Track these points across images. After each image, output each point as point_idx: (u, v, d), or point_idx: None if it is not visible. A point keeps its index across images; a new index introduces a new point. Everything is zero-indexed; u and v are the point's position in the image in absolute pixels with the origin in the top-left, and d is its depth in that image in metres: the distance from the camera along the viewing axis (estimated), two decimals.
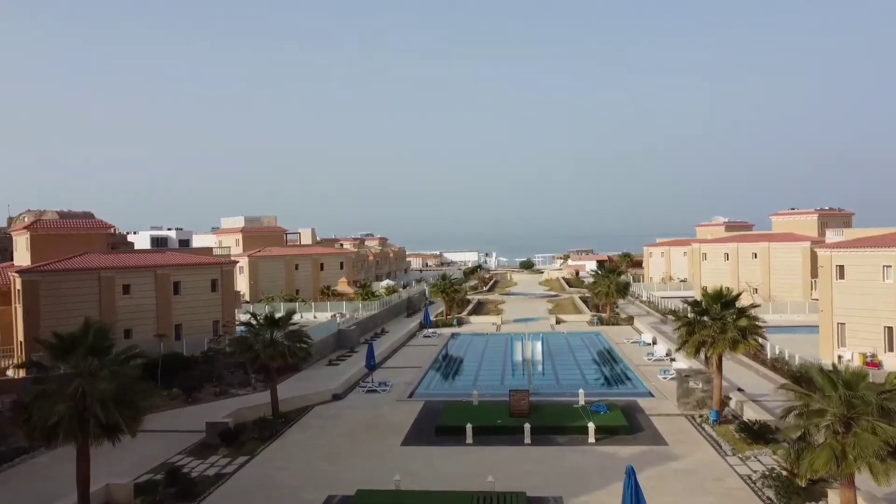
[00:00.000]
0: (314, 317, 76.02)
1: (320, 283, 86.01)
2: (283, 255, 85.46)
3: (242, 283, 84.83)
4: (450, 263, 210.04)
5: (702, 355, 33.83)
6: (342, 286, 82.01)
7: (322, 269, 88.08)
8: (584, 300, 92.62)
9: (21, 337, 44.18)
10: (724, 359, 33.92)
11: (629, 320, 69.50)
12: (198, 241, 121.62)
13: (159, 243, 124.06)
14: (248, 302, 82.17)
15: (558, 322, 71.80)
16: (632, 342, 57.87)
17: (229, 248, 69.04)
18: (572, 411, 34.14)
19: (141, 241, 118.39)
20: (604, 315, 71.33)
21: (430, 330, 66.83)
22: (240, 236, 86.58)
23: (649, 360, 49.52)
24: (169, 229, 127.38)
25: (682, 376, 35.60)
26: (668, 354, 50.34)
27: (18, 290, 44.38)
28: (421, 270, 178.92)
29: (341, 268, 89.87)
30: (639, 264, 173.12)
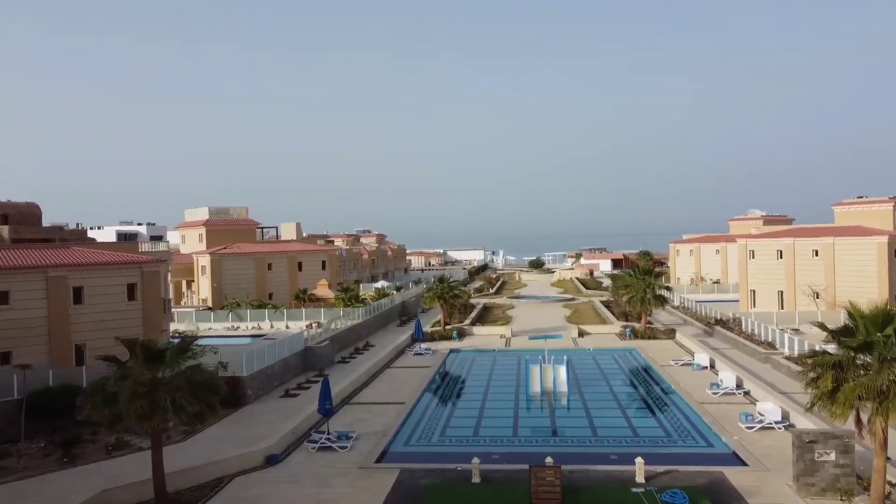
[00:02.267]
0: (286, 326, 63.47)
1: (298, 285, 73.17)
2: (253, 252, 72.59)
3: (204, 286, 72.17)
4: (454, 262, 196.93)
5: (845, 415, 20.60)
6: (322, 289, 69.17)
7: (300, 269, 75.16)
8: (607, 305, 79.65)
9: None
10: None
11: (670, 333, 56.34)
12: (174, 238, 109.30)
13: (127, 239, 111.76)
14: (210, 308, 69.51)
15: (581, 335, 58.75)
16: (681, 364, 44.77)
17: (167, 243, 55.49)
18: (632, 502, 21.16)
19: (105, 236, 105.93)
20: (637, 326, 58.23)
21: (424, 345, 53.86)
22: (203, 230, 73.82)
23: (715, 394, 36.38)
24: (139, 224, 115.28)
25: (804, 442, 22.53)
26: (739, 386, 37.20)
27: None
28: (422, 270, 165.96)
29: (323, 268, 76.93)
30: (659, 263, 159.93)
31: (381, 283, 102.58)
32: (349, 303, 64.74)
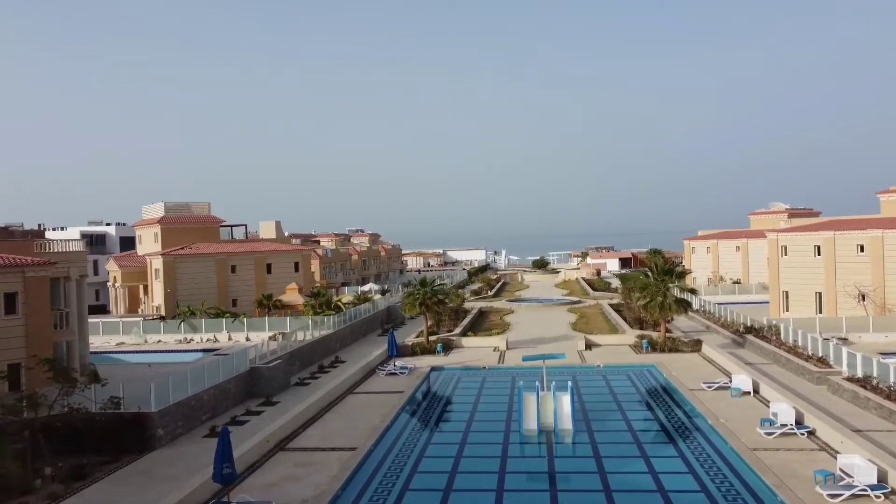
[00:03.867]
0: (247, 338, 54.83)
1: (267, 289, 64.45)
2: (213, 253, 63.88)
3: (159, 292, 63.55)
4: (454, 263, 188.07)
5: None
6: (291, 294, 60.42)
7: (269, 271, 66.45)
8: (618, 309, 70.69)
9: None
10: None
11: (694, 345, 47.33)
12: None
13: (94, 241, 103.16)
14: (162, 318, 60.85)
15: (589, 347, 49.80)
16: (715, 388, 35.69)
17: (76, 241, 45.54)
18: None
19: (68, 238, 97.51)
20: (655, 336, 49.26)
21: (400, 362, 44.87)
22: (158, 229, 65.15)
23: (769, 434, 27.36)
24: (108, 224, 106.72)
25: None
26: (800, 423, 28.20)
27: None
28: (419, 271, 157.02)
29: (296, 269, 68.15)
30: (670, 262, 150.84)
31: (369, 286, 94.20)
32: (320, 310, 55.95)
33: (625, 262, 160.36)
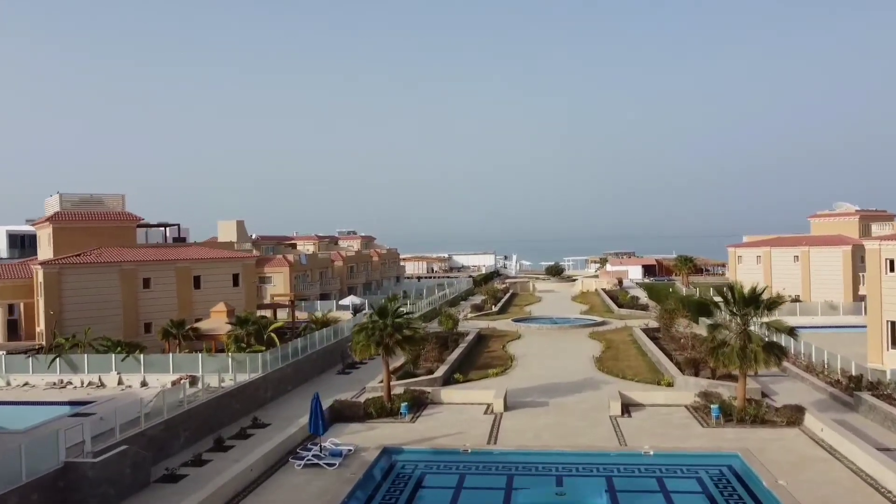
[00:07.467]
0: (143, 383, 39.35)
1: (193, 311, 48.70)
2: (117, 261, 48.10)
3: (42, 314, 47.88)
4: (460, 268, 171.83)
5: None
6: (215, 319, 44.55)
7: (197, 285, 50.57)
8: (654, 336, 54.36)
9: None
10: None
11: (793, 414, 30.77)
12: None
13: (25, 243, 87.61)
14: (36, 350, 45.29)
15: (626, 410, 33.43)
16: None
17: None
18: None
19: None
20: (726, 395, 32.88)
21: (330, 442, 28.65)
22: (50, 230, 49.50)
23: None
24: None
25: None
26: None
27: None
28: (419, 279, 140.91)
29: (235, 283, 52.17)
30: (700, 271, 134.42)
31: (348, 300, 78.30)
32: (247, 344, 40.09)
33: (648, 270, 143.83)
